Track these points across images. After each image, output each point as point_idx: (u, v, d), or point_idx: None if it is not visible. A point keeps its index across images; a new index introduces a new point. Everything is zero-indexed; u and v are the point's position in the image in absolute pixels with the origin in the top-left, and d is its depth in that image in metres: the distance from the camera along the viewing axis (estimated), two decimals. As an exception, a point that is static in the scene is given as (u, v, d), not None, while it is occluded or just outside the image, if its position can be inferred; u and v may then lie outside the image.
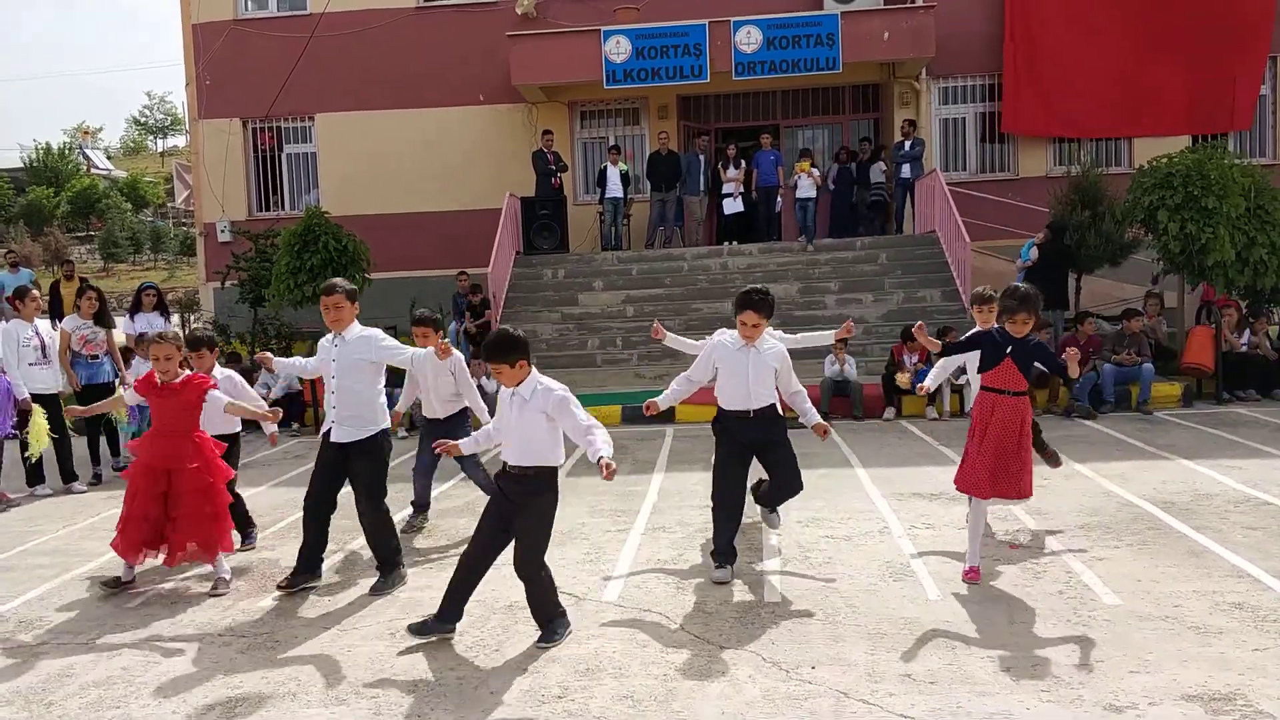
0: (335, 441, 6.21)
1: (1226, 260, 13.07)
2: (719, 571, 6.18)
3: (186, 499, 6.25)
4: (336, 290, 6.25)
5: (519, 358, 5.11)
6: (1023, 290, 5.95)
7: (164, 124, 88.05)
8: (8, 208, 52.18)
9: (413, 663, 5.03)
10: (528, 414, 5.12)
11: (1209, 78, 18.69)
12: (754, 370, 6.14)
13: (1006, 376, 5.93)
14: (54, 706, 4.68)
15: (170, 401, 6.34)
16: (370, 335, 6.35)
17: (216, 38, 20.52)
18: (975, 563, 6.04)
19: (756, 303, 6.08)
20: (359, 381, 6.24)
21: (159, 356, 6.32)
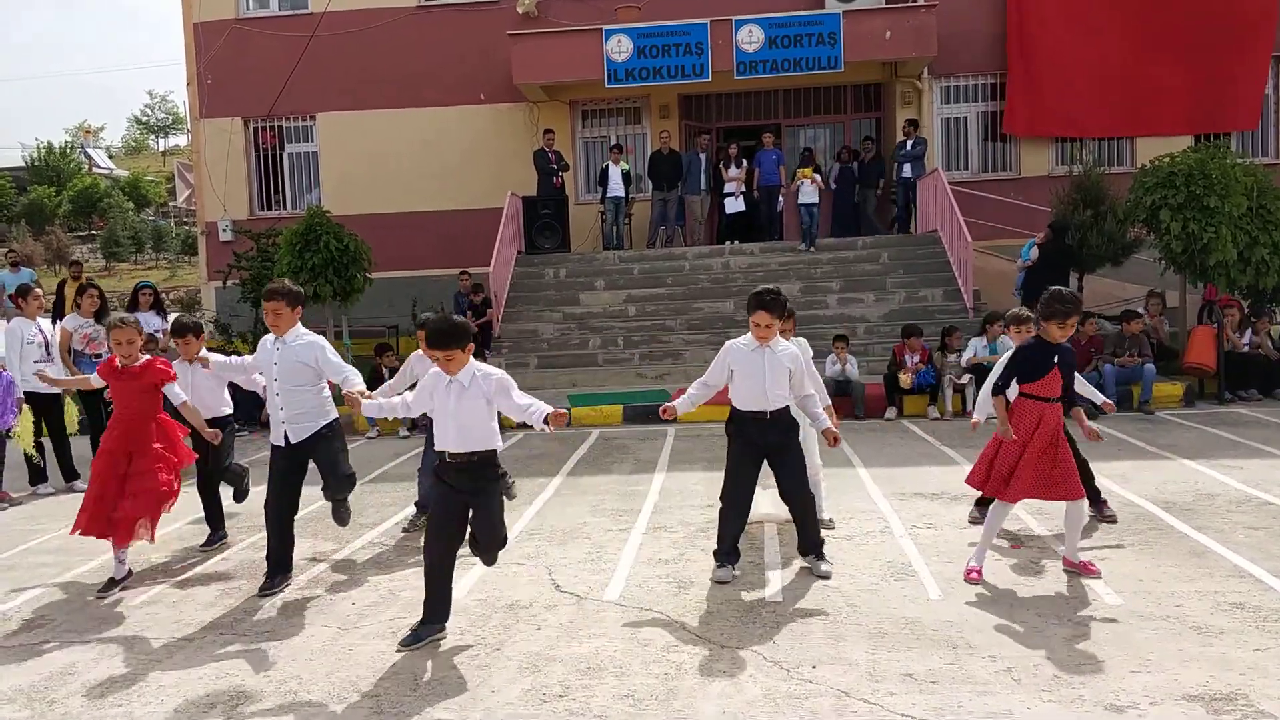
0: (291, 443, 6.27)
1: (1229, 260, 13.08)
2: (720, 571, 6.18)
3: (143, 477, 6.37)
4: (277, 296, 6.23)
5: (469, 342, 5.19)
6: (1069, 294, 5.95)
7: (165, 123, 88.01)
8: (9, 207, 52.17)
9: (414, 661, 5.04)
10: (467, 400, 5.16)
11: (1212, 77, 18.68)
12: (770, 371, 6.10)
13: (1052, 385, 5.93)
14: (56, 704, 4.69)
15: (131, 385, 6.49)
16: (314, 343, 6.33)
17: (218, 37, 20.54)
18: (979, 564, 6.05)
19: (768, 303, 6.06)
20: (301, 383, 6.27)
21: (120, 340, 6.48)
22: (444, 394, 5.21)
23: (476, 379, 5.18)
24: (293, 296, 6.28)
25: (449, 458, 5.22)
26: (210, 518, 7.50)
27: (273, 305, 6.22)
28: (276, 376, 6.24)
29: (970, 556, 6.16)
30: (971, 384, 12.48)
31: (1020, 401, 6.04)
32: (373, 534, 7.69)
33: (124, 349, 6.48)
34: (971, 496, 8.15)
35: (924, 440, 10.92)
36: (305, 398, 6.28)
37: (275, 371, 6.24)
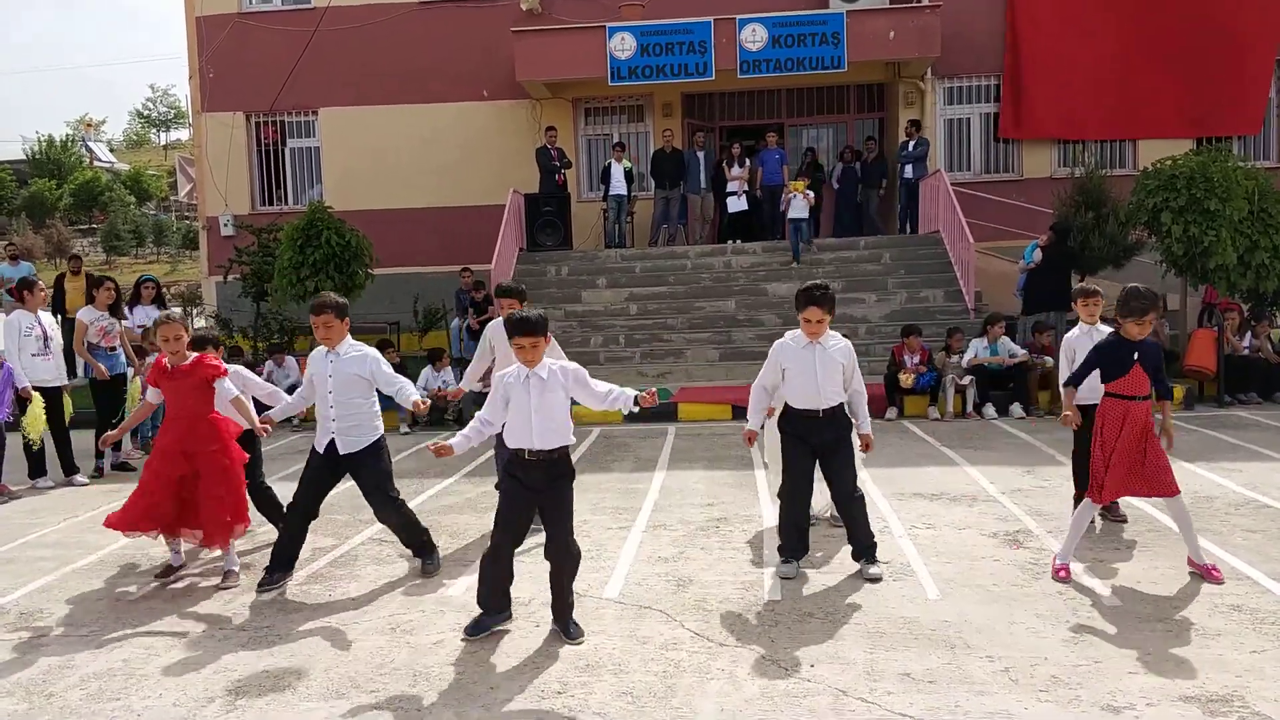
0: (341, 454, 6.27)
1: (1229, 263, 13.09)
2: (784, 567, 6.16)
3: (204, 481, 6.24)
4: (326, 309, 6.20)
5: (548, 332, 5.19)
6: (1146, 290, 5.95)
7: (167, 117, 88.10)
8: (10, 200, 52.20)
9: (413, 657, 5.04)
10: (548, 395, 5.11)
11: (1214, 81, 18.67)
12: (822, 367, 6.06)
13: (1137, 382, 5.89)
14: (54, 698, 4.70)
15: (183, 384, 6.33)
16: (366, 354, 6.35)
17: (220, 31, 20.53)
18: (1066, 560, 6.02)
19: (818, 298, 6.03)
20: (356, 395, 6.29)
21: (167, 337, 6.31)
22: (522, 391, 5.13)
23: (554, 372, 5.15)
24: (340, 309, 6.27)
25: (529, 455, 5.12)
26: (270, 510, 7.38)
27: (323, 319, 6.20)
28: (331, 389, 6.25)
29: (1057, 554, 6.14)
30: (972, 385, 12.51)
31: (1106, 401, 6.02)
32: (371, 530, 7.69)
33: (170, 345, 6.31)
34: (971, 496, 8.17)
35: (924, 441, 10.93)
36: (359, 409, 6.31)
37: (330, 384, 6.25)
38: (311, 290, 14.35)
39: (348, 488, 9.22)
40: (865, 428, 6.25)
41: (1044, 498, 8.01)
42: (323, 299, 6.27)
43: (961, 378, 12.53)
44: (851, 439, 6.23)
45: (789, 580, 6.07)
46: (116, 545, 7.47)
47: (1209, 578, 5.85)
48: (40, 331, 9.78)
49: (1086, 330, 7.32)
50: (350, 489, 9.18)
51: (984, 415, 12.37)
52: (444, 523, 7.79)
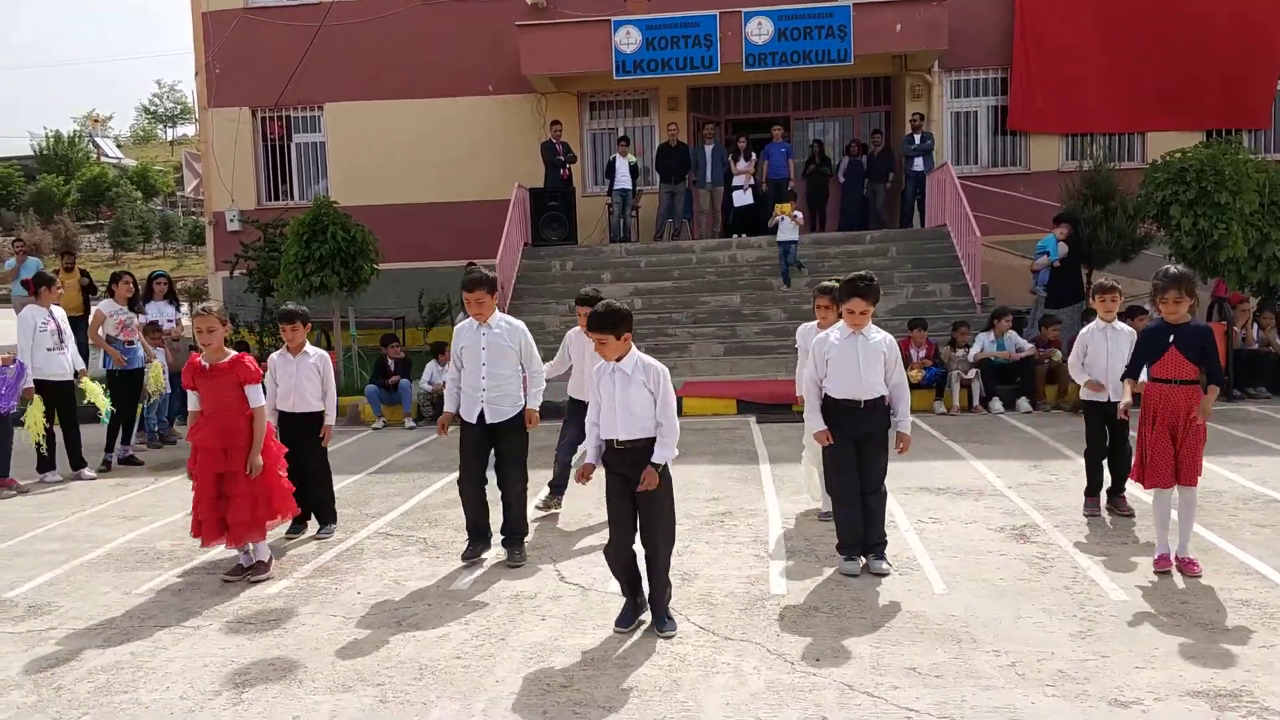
0: (487, 423, 6.51)
1: (1239, 257, 13.03)
2: (847, 564, 6.12)
3: (240, 479, 6.23)
4: (480, 285, 6.45)
5: (625, 330, 5.22)
6: (1173, 270, 5.91)
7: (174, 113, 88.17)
8: (18, 196, 52.29)
9: (418, 651, 5.04)
10: (632, 389, 5.19)
11: (1222, 74, 18.59)
12: (864, 359, 6.05)
13: (1173, 365, 5.84)
14: (63, 691, 4.71)
15: (219, 382, 6.28)
16: (517, 326, 6.68)
17: (226, 26, 20.52)
18: (1164, 551, 5.98)
19: (862, 289, 6.02)
20: (507, 366, 6.56)
21: (201, 329, 6.28)
22: (609, 381, 5.21)
23: (638, 368, 5.23)
24: (491, 284, 6.53)
25: (618, 444, 5.23)
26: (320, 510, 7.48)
27: (476, 295, 6.46)
28: (485, 361, 6.48)
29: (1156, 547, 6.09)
30: (978, 378, 12.48)
31: (1147, 386, 6.00)
32: (379, 524, 7.71)
33: (204, 337, 6.27)
34: (977, 490, 8.16)
35: (930, 435, 10.91)
36: (508, 379, 6.57)
37: (484, 356, 6.49)
38: (317, 285, 14.35)
39: (355, 481, 9.26)
40: (904, 426, 6.18)
41: (1051, 492, 7.98)
42: (475, 275, 6.51)
43: (967, 372, 12.51)
44: (888, 434, 6.21)
45: (853, 578, 5.99)
46: (125, 538, 7.50)
47: (1188, 571, 5.84)
48: (54, 326, 9.78)
49: (1102, 327, 7.31)
50: (356, 483, 9.22)
51: (990, 409, 12.35)
52: (450, 517, 7.79)
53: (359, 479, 9.48)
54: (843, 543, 6.21)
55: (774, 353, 14.57)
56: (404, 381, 12.88)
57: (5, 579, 6.58)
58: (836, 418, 6.13)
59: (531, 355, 6.65)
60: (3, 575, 6.67)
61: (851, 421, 6.08)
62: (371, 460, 10.41)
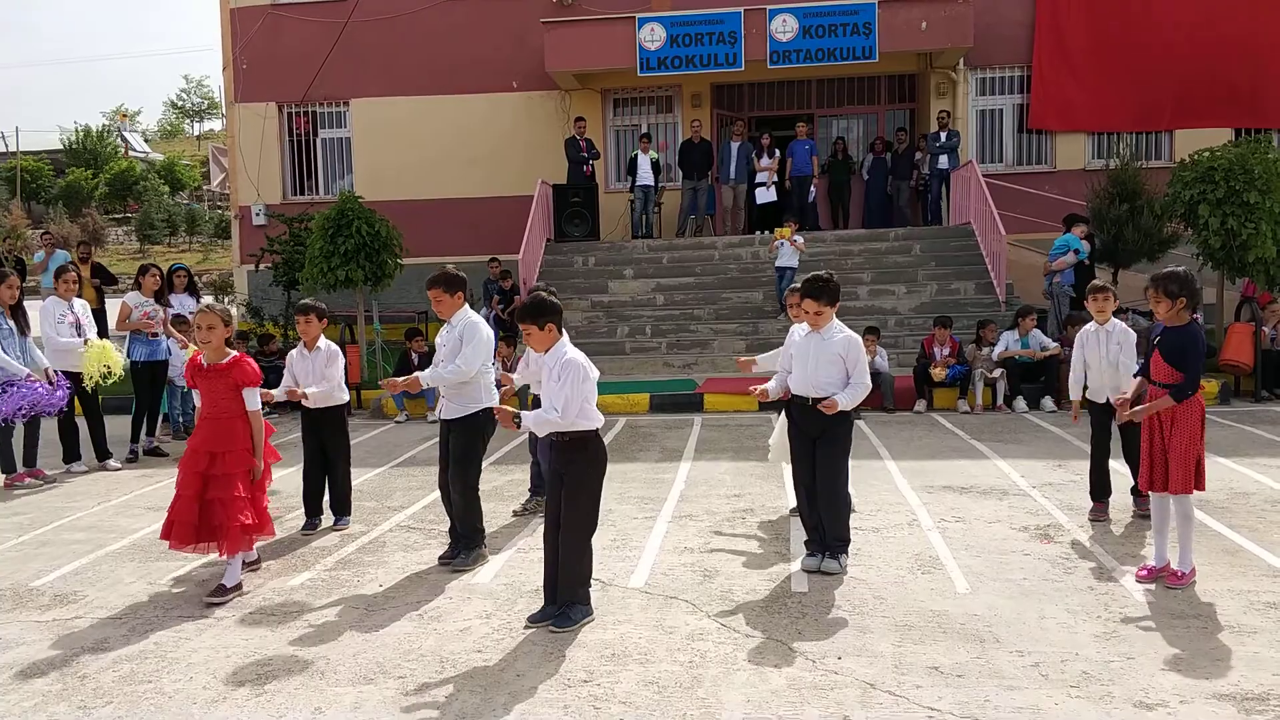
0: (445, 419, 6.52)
1: (1268, 256, 12.90)
2: (806, 559, 6.17)
3: (226, 481, 5.95)
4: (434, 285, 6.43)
5: (549, 320, 5.24)
6: (1164, 272, 5.82)
7: (201, 108, 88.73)
8: (47, 189, 52.76)
9: (439, 643, 5.06)
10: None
11: (1247, 72, 18.40)
12: (815, 358, 6.08)
13: (1156, 368, 5.78)
14: (88, 680, 4.74)
15: (217, 384, 6.05)
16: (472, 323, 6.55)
17: (253, 22, 20.65)
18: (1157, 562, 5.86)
19: (814, 290, 6.03)
20: None
21: (202, 326, 6.06)
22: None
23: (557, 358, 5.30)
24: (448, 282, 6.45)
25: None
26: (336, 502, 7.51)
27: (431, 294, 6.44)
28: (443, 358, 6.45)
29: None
30: (1003, 377, 12.41)
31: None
32: (400, 517, 7.73)
33: (204, 334, 6.01)
34: (1001, 489, 8.11)
35: (954, 434, 10.85)
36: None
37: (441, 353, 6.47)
38: (342, 279, 14.41)
39: (377, 474, 9.30)
40: (840, 399, 5.97)
41: (1075, 492, 7.93)
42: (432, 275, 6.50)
43: (991, 370, 12.43)
44: (843, 435, 6.16)
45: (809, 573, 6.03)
46: (149, 529, 7.54)
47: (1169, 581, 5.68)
48: (73, 319, 9.85)
49: (1094, 329, 7.27)
50: (379, 476, 9.25)
51: (1014, 408, 12.28)
52: (472, 511, 7.80)
53: (381, 472, 9.51)
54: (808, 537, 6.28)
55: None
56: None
57: (32, 568, 6.64)
58: (792, 413, 6.26)
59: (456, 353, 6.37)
60: (29, 564, 6.73)
61: (803, 417, 6.14)
62: (394, 453, 10.45)
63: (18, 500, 8.76)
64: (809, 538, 6.25)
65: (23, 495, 8.94)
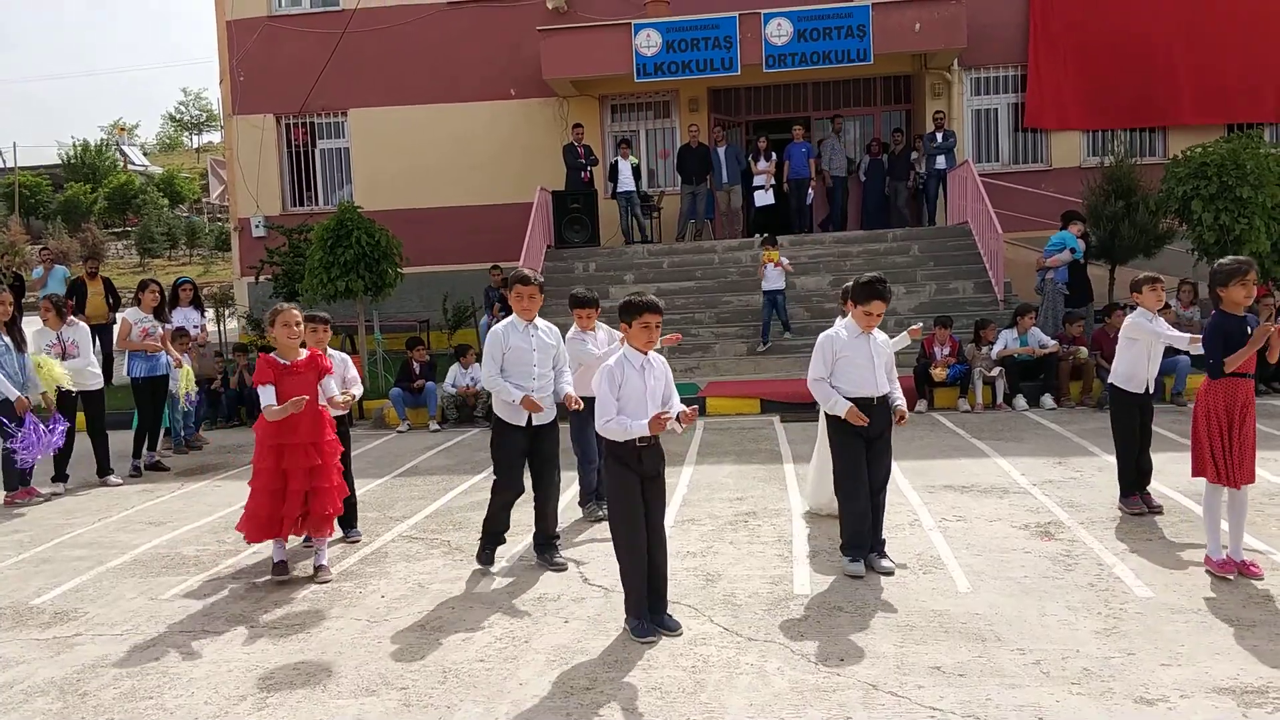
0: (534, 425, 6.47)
1: (1262, 251, 12.92)
2: (853, 565, 6.10)
3: (325, 471, 6.40)
4: (531, 282, 6.45)
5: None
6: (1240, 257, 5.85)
7: (199, 120, 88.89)
8: (46, 204, 52.82)
9: (442, 654, 5.07)
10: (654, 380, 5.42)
11: (1237, 69, 18.42)
12: (877, 356, 6.14)
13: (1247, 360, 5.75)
14: (89, 697, 4.75)
15: (306, 378, 6.39)
16: (555, 329, 6.69)
17: (250, 34, 20.70)
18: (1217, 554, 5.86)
19: (883, 292, 6.06)
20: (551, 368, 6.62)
21: (288, 322, 6.37)
22: (637, 376, 5.24)
23: (656, 359, 5.38)
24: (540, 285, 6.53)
25: (640, 441, 5.20)
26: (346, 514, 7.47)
27: (528, 290, 6.43)
28: (536, 363, 6.44)
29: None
30: (1002, 376, 12.41)
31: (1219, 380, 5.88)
32: (402, 527, 7.74)
33: (290, 330, 6.37)
34: (1001, 488, 8.12)
35: (954, 433, 10.86)
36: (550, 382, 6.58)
37: (535, 358, 6.44)
38: (342, 290, 14.42)
39: (380, 484, 9.31)
40: (901, 403, 6.23)
41: (1075, 489, 7.93)
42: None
43: (991, 369, 12.44)
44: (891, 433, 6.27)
45: (857, 579, 5.96)
46: (150, 544, 7.56)
47: (1245, 573, 5.70)
48: (60, 349, 9.75)
49: (1149, 319, 7.16)
50: (381, 486, 9.26)
51: (1014, 406, 12.29)
52: (474, 519, 7.79)
53: (384, 482, 9.52)
54: (848, 542, 6.21)
55: (797, 352, 14.53)
56: (429, 385, 12.93)
57: (32, 585, 6.65)
58: (848, 418, 6.12)
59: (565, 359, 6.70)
60: (30, 581, 6.74)
61: (869, 419, 6.10)
62: (396, 463, 10.46)
63: (17, 518, 8.77)
64: (854, 543, 6.15)
65: (22, 513, 8.95)
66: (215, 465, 10.98)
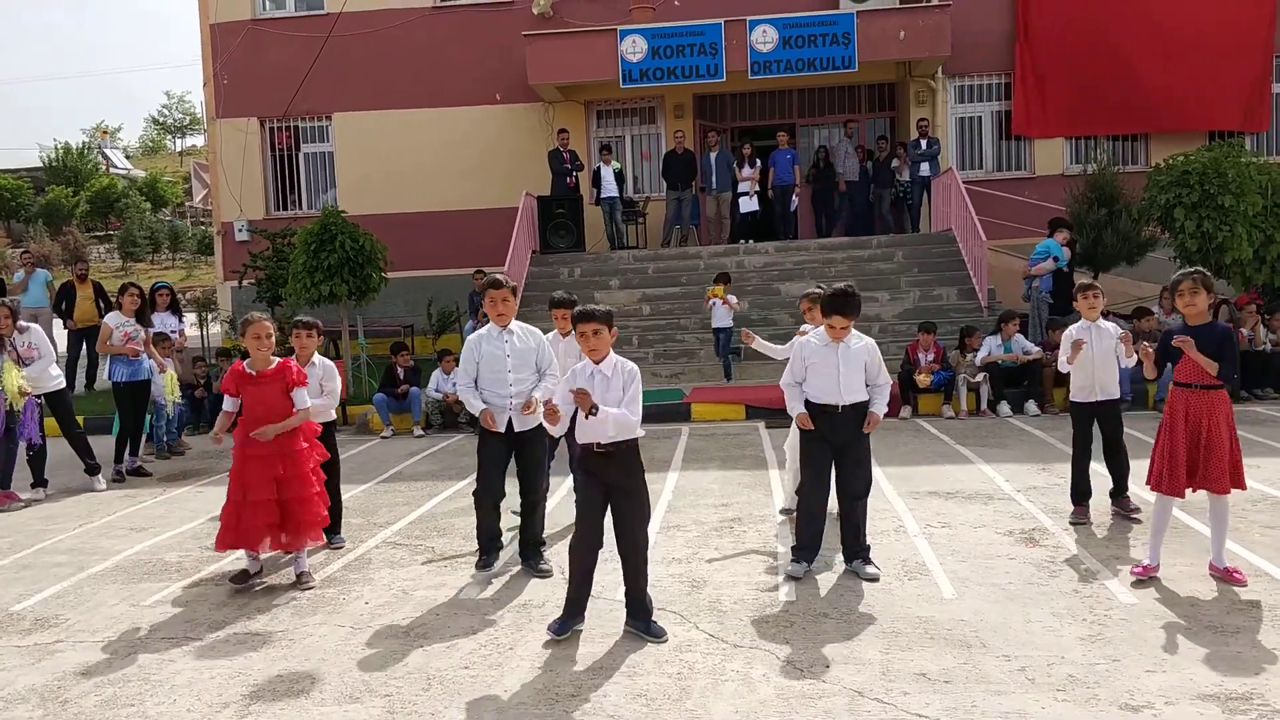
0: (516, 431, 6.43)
1: (1244, 259, 13.01)
2: (794, 566, 6.17)
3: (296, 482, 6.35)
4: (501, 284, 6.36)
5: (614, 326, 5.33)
6: (1192, 269, 5.88)
7: (182, 123, 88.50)
8: (27, 207, 52.49)
9: (426, 660, 5.04)
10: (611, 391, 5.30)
11: (1220, 77, 18.56)
12: (844, 365, 6.11)
13: (1189, 369, 5.77)
14: (69, 704, 4.71)
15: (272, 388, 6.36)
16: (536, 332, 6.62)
17: (234, 37, 20.62)
18: (1152, 561, 5.91)
19: (843, 307, 6.05)
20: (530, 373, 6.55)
21: (260, 335, 6.37)
22: (493, 346, 5.23)
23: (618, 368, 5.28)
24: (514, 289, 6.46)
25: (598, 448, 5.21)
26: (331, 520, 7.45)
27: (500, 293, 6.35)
28: (510, 369, 6.36)
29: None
30: (986, 383, 12.45)
31: (1171, 390, 5.95)
32: (386, 533, 7.71)
33: (264, 343, 6.36)
34: (986, 494, 8.13)
35: (939, 439, 10.88)
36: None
37: (510, 364, 6.38)
38: (326, 295, 14.37)
39: (363, 490, 9.27)
40: (877, 408, 6.20)
41: (1059, 495, 7.95)
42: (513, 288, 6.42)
43: (975, 376, 12.48)
44: (868, 440, 6.24)
45: (796, 580, 6.05)
46: (132, 550, 7.51)
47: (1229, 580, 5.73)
48: (15, 355, 9.61)
49: (1084, 326, 7.26)
50: (365, 492, 9.22)
51: (998, 413, 12.32)
52: (458, 525, 7.79)
53: (367, 488, 9.48)
54: (798, 544, 6.27)
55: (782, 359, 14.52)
56: (414, 390, 12.89)
57: (13, 592, 6.60)
58: (815, 421, 6.19)
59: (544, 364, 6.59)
60: (10, 588, 6.69)
61: (829, 425, 6.14)
62: (380, 469, 10.42)
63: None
64: (802, 544, 6.24)
65: (2, 518, 8.88)
66: (197, 471, 10.92)
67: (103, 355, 10.77)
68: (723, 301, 14.36)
